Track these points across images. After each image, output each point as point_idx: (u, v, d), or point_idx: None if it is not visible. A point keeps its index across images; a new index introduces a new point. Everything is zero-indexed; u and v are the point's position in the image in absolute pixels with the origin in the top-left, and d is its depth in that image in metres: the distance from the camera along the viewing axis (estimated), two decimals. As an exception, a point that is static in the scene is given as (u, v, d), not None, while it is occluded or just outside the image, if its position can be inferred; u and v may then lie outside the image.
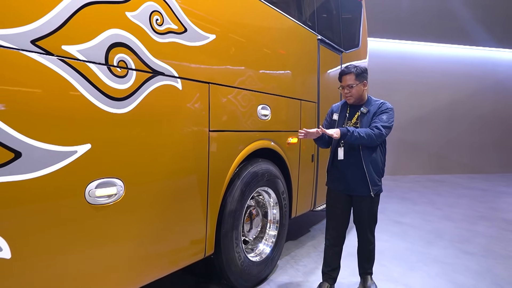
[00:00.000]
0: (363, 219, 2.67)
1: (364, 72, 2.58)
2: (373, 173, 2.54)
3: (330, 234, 2.77)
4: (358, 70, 2.55)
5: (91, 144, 1.64)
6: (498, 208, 6.22)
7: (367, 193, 2.55)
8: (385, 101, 2.62)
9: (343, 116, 2.68)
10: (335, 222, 2.75)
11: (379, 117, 2.51)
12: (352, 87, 2.55)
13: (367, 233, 2.71)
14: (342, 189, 2.66)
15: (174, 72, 2.07)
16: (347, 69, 2.58)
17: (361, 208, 2.64)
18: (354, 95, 2.58)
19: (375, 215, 2.69)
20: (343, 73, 2.60)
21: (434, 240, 4.22)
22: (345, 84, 2.58)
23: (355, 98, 2.59)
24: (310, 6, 3.88)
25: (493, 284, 3.05)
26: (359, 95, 2.58)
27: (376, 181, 2.57)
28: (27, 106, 1.42)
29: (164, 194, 2.07)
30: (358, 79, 2.55)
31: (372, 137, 2.42)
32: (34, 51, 1.43)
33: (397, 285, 2.99)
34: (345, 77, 2.58)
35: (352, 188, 2.61)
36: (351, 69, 2.56)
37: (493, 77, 11.13)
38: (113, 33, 1.73)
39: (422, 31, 10.23)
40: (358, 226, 2.73)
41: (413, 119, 10.41)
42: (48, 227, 1.53)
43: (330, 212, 2.77)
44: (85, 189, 1.64)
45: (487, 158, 11.16)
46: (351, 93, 2.57)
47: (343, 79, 2.60)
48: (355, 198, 2.64)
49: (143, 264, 1.98)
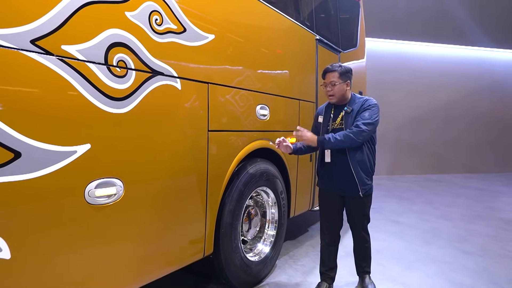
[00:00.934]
0: (356, 219, 2.68)
1: (348, 72, 2.56)
2: (361, 173, 2.52)
3: (325, 234, 2.78)
4: (342, 69, 2.53)
5: (90, 144, 1.64)
6: (495, 207, 6.25)
7: (357, 194, 2.54)
8: (369, 98, 2.58)
9: (328, 117, 2.66)
10: (328, 222, 2.76)
11: (361, 114, 2.47)
12: (335, 84, 2.51)
13: (361, 232, 2.73)
14: (333, 189, 2.66)
15: (174, 72, 2.07)
16: (331, 67, 2.55)
17: (353, 208, 2.65)
18: (336, 93, 2.53)
19: (367, 214, 2.69)
20: (327, 71, 2.57)
21: (432, 240, 4.24)
22: (328, 81, 2.55)
23: (337, 97, 2.55)
24: (308, 6, 3.89)
25: (491, 283, 3.06)
26: (341, 94, 2.55)
27: (364, 181, 2.54)
28: (27, 106, 1.42)
29: (163, 194, 2.07)
30: (342, 78, 2.52)
31: (351, 137, 2.39)
32: (33, 51, 1.43)
33: (395, 284, 3.00)
34: (328, 74, 2.55)
35: (342, 189, 2.61)
36: (335, 67, 2.54)
37: (490, 77, 11.18)
38: (113, 33, 1.73)
39: (419, 31, 10.27)
40: (351, 225, 2.75)
41: (410, 119, 10.45)
42: (48, 227, 1.53)
43: (323, 212, 2.78)
44: (85, 189, 1.63)
45: (484, 158, 11.22)
46: (333, 91, 2.53)
47: (326, 76, 2.56)
48: (347, 199, 2.64)
49: (142, 264, 1.98)
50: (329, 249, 2.78)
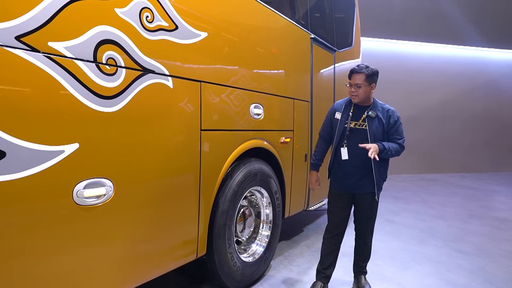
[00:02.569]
0: (365, 218, 2.69)
1: (375, 75, 2.55)
2: (379, 174, 2.60)
3: (331, 232, 2.76)
4: (369, 71, 2.51)
5: (79, 143, 1.60)
6: (489, 206, 6.27)
7: (371, 190, 2.59)
8: (390, 107, 2.65)
9: (346, 115, 2.64)
10: (335, 222, 2.74)
11: (397, 131, 2.61)
12: (360, 87, 2.51)
13: (367, 232, 2.74)
14: (345, 188, 2.66)
15: (165, 70, 2.04)
16: (359, 68, 2.54)
17: (364, 208, 2.66)
18: (360, 95, 2.54)
19: (375, 215, 2.72)
20: (354, 71, 2.55)
21: (427, 239, 4.23)
22: (354, 83, 2.54)
23: (360, 98, 2.55)
24: (303, 4, 3.86)
25: (486, 282, 3.06)
26: (366, 96, 2.55)
27: (381, 185, 2.65)
28: (12, 104, 1.38)
29: (154, 195, 2.03)
30: (368, 81, 2.51)
31: (398, 151, 2.58)
32: (19, 48, 1.39)
33: (391, 284, 2.98)
34: (355, 75, 2.54)
35: (357, 187, 2.61)
36: (363, 68, 2.52)
37: (484, 77, 11.22)
38: (102, 30, 1.69)
39: (414, 31, 10.28)
40: (358, 225, 2.75)
41: (405, 118, 10.29)
42: (35, 228, 1.49)
43: (332, 211, 2.76)
44: (73, 189, 1.59)
45: (478, 157, 11.26)
46: (358, 92, 2.53)
47: (353, 77, 2.55)
48: (358, 197, 2.65)
49: (134, 266, 1.94)
50: (331, 247, 2.77)
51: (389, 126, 2.59)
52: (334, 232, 2.74)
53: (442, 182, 9.10)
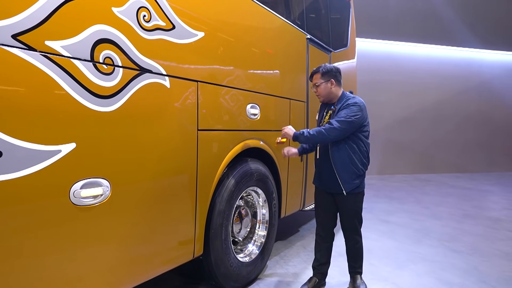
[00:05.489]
0: (345, 218, 2.70)
1: (330, 71, 2.62)
2: (341, 171, 2.55)
3: (318, 230, 2.84)
4: (323, 69, 2.63)
5: (76, 143, 1.59)
6: (483, 206, 6.32)
7: (340, 191, 2.58)
8: (355, 97, 2.61)
9: (321, 115, 2.78)
10: (321, 218, 2.82)
11: (338, 113, 2.52)
12: (318, 85, 2.64)
13: (351, 233, 2.73)
14: (323, 187, 2.73)
15: (162, 70, 2.03)
16: (316, 69, 2.68)
17: (342, 207, 2.68)
18: (321, 93, 2.65)
19: (358, 214, 2.68)
20: (312, 73, 2.70)
21: (422, 239, 4.25)
22: (313, 83, 2.69)
23: (323, 96, 2.66)
24: (299, 5, 3.87)
25: (480, 282, 3.08)
26: (327, 93, 2.64)
27: (346, 179, 2.55)
28: (8, 103, 1.37)
29: (151, 195, 2.02)
30: (323, 78, 2.61)
31: (322, 132, 2.45)
32: (15, 46, 1.38)
33: (386, 284, 3.00)
34: (313, 76, 2.70)
35: (328, 186, 2.68)
36: (319, 68, 2.66)
37: (477, 78, 11.33)
38: (99, 29, 1.68)
39: (408, 32, 10.35)
40: (342, 225, 2.77)
41: (400, 119, 10.51)
42: (31, 229, 1.48)
43: (317, 209, 2.85)
44: (70, 189, 1.58)
45: (472, 158, 11.36)
46: (318, 91, 2.67)
47: (312, 78, 2.70)
48: (335, 196, 2.68)
49: (130, 267, 1.94)
50: (321, 245, 2.83)
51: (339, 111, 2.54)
52: (321, 231, 2.81)
53: (436, 182, 9.16)
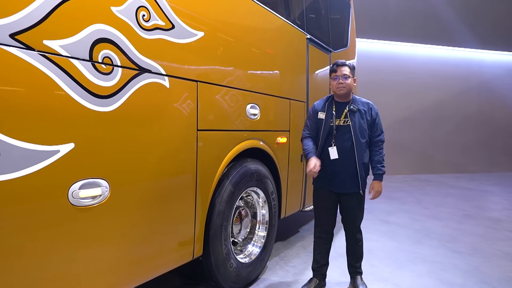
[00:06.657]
0: (351, 216, 2.70)
1: (354, 69, 2.70)
2: (363, 171, 2.62)
3: (318, 232, 2.81)
4: (351, 65, 2.66)
5: (74, 143, 1.58)
6: (483, 206, 6.31)
7: (357, 190, 2.61)
8: (368, 101, 2.72)
9: (330, 114, 2.66)
10: (322, 220, 2.78)
11: (378, 124, 2.67)
12: (347, 78, 2.59)
13: (355, 232, 2.75)
14: (330, 187, 2.68)
15: (161, 70, 2.02)
16: (341, 61, 2.66)
17: (348, 206, 2.68)
18: (347, 86, 2.60)
19: (362, 212, 2.74)
20: (339, 64, 2.64)
21: (423, 239, 4.24)
22: (341, 74, 2.59)
23: (347, 90, 2.61)
24: (299, 5, 3.86)
25: (481, 282, 3.07)
26: (351, 88, 2.63)
27: (365, 180, 2.66)
28: (6, 103, 1.36)
29: (150, 195, 2.01)
30: (352, 73, 2.64)
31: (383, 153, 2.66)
32: (13, 46, 1.37)
33: (387, 284, 2.98)
34: (340, 67, 2.62)
35: (342, 186, 2.63)
36: (344, 62, 2.65)
37: (477, 78, 11.32)
38: (98, 28, 1.67)
39: (408, 32, 10.35)
40: (346, 225, 2.76)
41: (400, 119, 10.50)
42: (30, 230, 1.47)
43: (318, 211, 2.81)
44: (68, 190, 1.57)
45: (472, 158, 11.35)
46: (345, 83, 2.59)
47: (339, 69, 2.61)
48: (343, 197, 2.66)
49: (129, 268, 1.92)
50: (321, 247, 2.81)
51: (372, 119, 2.65)
52: (321, 232, 2.79)
53: (437, 182, 9.15)
